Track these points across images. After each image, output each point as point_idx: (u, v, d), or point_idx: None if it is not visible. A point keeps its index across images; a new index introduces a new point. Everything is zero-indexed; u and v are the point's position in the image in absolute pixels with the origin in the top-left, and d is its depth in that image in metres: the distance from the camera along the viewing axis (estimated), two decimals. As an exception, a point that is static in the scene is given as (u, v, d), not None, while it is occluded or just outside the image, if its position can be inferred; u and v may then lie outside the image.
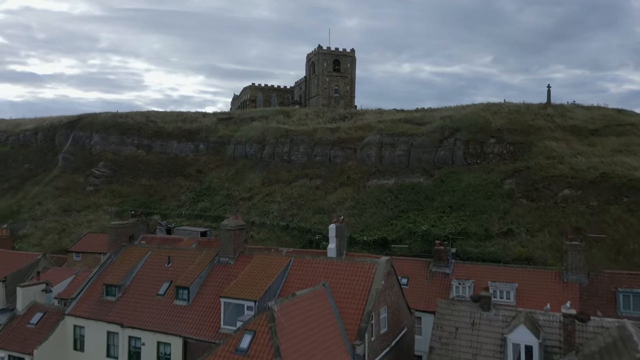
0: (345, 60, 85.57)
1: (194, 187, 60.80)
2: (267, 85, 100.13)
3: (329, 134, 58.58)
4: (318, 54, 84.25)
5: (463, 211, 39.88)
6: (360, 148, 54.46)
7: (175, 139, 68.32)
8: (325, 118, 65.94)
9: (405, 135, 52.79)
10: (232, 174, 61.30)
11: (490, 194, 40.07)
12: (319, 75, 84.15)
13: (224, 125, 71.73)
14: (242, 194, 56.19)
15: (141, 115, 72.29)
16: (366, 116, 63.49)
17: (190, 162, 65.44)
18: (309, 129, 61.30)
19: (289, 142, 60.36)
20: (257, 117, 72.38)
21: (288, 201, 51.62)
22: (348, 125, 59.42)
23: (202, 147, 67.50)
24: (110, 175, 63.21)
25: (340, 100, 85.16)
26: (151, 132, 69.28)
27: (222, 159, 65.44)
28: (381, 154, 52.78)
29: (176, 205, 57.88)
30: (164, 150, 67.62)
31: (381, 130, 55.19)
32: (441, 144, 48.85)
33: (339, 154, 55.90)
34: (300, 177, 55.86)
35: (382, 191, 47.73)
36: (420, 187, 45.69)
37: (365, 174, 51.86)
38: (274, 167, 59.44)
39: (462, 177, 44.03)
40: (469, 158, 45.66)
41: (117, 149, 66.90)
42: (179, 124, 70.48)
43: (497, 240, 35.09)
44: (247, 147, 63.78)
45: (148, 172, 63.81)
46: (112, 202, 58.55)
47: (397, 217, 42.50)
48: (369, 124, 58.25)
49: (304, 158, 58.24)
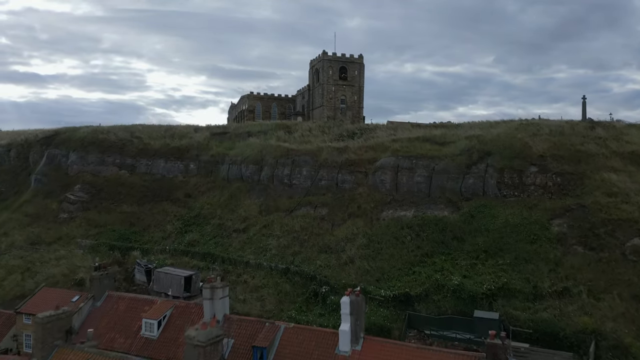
0: (352, 67, 79.60)
1: (182, 214, 54.67)
2: (266, 94, 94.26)
3: (335, 155, 52.41)
4: (323, 61, 78.27)
5: (502, 258, 33.56)
6: (373, 172, 48.27)
7: (163, 157, 62.32)
8: (331, 135, 59.79)
9: (425, 157, 46.57)
10: (225, 199, 55.20)
11: (535, 237, 33.72)
12: (323, 84, 78.20)
13: (217, 141, 65.72)
14: (236, 225, 50.00)
15: (125, 131, 66.33)
16: (378, 133, 57.28)
17: (179, 185, 59.37)
18: (313, 147, 55.15)
19: (290, 163, 54.23)
20: (254, 132, 66.38)
21: (289, 235, 45.40)
22: (358, 145, 53.23)
23: (192, 166, 61.46)
24: (87, 200, 57.15)
25: (347, 112, 79.17)
26: (135, 149, 63.29)
27: (215, 180, 59.38)
28: (397, 179, 46.55)
29: (161, 237, 51.75)
30: (150, 170, 61.59)
31: (396, 151, 48.99)
32: (469, 170, 42.57)
33: (347, 178, 49.71)
34: (303, 205, 49.69)
35: (400, 226, 41.44)
36: (445, 222, 39.37)
37: (379, 203, 45.64)
38: (273, 192, 53.27)
39: (496, 213, 37.70)
40: (504, 189, 39.34)
41: (97, 169, 60.91)
42: (166, 141, 64.46)
43: (549, 301, 28.75)
44: (243, 168, 57.69)
45: (130, 197, 57.73)
46: (87, 232, 52.47)
47: (420, 262, 36.17)
48: (382, 143, 52.04)
49: (307, 182, 52.09)
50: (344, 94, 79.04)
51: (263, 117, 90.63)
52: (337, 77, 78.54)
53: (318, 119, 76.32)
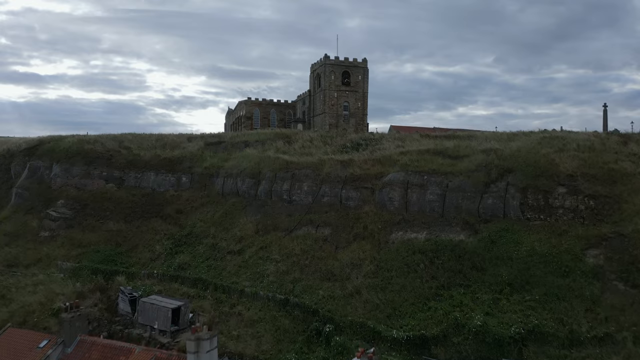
0: (356, 72, 76.25)
1: (173, 232, 51.24)
2: (265, 100, 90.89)
3: (339, 168, 48.95)
4: (324, 65, 74.90)
5: (529, 292, 30.07)
6: (380, 188, 44.78)
7: (153, 169, 58.93)
8: (334, 146, 56.35)
9: (438, 173, 43.08)
10: (219, 215, 51.77)
11: (567, 269, 30.20)
12: (325, 90, 74.82)
13: (212, 151, 62.42)
14: (231, 246, 46.54)
15: (113, 140, 62.95)
16: (385, 145, 53.83)
17: (170, 200, 55.96)
18: (315, 160, 51.69)
19: (289, 177, 50.77)
20: (251, 142, 63.05)
21: (288, 259, 41.91)
22: (363, 157, 49.75)
23: (184, 180, 58.07)
24: (71, 217, 53.67)
25: (350, 119, 75.83)
26: (124, 161, 59.90)
27: (209, 195, 56.02)
28: (407, 197, 43.07)
29: (149, 258, 48.31)
30: (139, 184, 58.20)
31: (406, 165, 45.51)
32: (487, 189, 39.07)
33: (352, 195, 46.23)
34: (304, 224, 46.22)
35: (411, 250, 37.93)
36: (463, 248, 35.85)
37: (387, 223, 42.14)
38: (271, 209, 49.81)
39: (520, 239, 34.19)
40: (528, 211, 35.82)
41: (82, 182, 57.49)
42: (157, 151, 61.08)
43: (589, 349, 25.22)
44: (239, 182, 54.27)
45: (117, 213, 54.28)
46: (69, 253, 49.02)
47: (436, 295, 32.66)
48: (390, 156, 48.56)
49: (308, 198, 48.63)
50: (346, 101, 75.73)
51: (261, 123, 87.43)
52: (340, 83, 75.23)
53: (319, 127, 73.06)
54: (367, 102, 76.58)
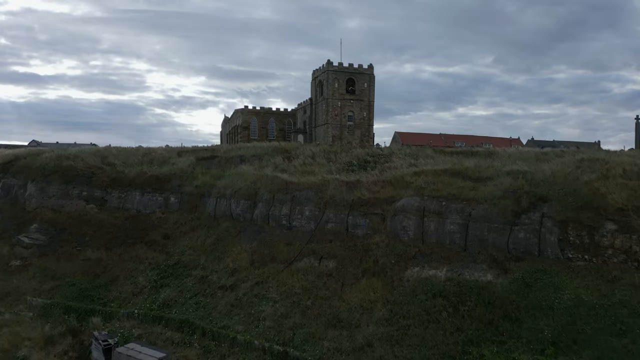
0: (361, 79, 71.77)
1: (159, 261, 46.63)
2: (263, 109, 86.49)
3: (345, 191, 44.35)
4: (327, 72, 70.43)
5: (578, 355, 25.42)
6: (392, 215, 40.18)
7: (139, 188, 54.40)
8: (338, 163, 51.76)
9: (459, 199, 38.43)
10: (211, 242, 47.20)
11: (624, 327, 25.52)
12: (328, 99, 70.35)
13: (204, 167, 57.91)
14: (223, 279, 41.92)
15: (95, 155, 58.41)
16: (395, 162, 49.23)
17: (157, 223, 51.38)
18: (317, 180, 47.10)
19: (289, 199, 46.18)
20: (247, 157, 58.58)
21: (287, 299, 37.27)
22: (372, 178, 45.13)
23: (173, 200, 53.52)
24: (45, 243, 49.09)
25: (355, 130, 71.36)
26: (107, 179, 55.35)
27: (199, 218, 51.47)
28: (423, 226, 38.45)
29: (131, 293, 43.67)
30: (123, 204, 53.63)
31: (421, 188, 40.90)
32: (518, 220, 34.39)
33: (360, 222, 41.64)
34: (305, 255, 41.61)
35: (431, 292, 33.26)
36: (492, 292, 31.18)
37: (401, 257, 37.51)
38: (269, 235, 45.22)
39: (561, 284, 29.51)
40: (568, 250, 31.14)
41: (59, 203, 52.94)
42: (144, 168, 56.52)
43: None
44: (233, 204, 49.71)
45: (98, 238, 49.70)
46: (41, 286, 44.43)
47: (464, 353, 27.99)
48: (402, 177, 43.95)
49: (310, 224, 44.06)
50: (351, 110, 71.27)
51: (259, 134, 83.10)
52: (344, 91, 70.88)
53: (322, 139, 68.64)
54: (373, 112, 72.08)
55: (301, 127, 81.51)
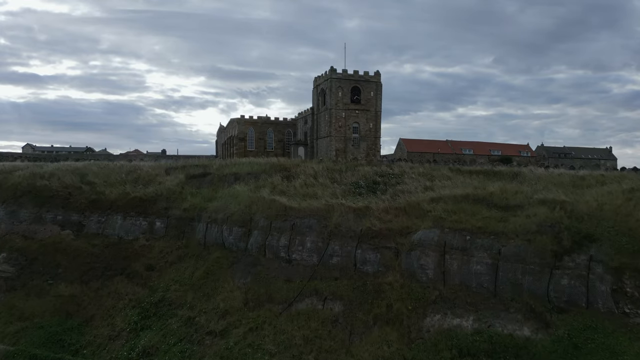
0: (367, 87, 67.09)
1: (141, 297, 41.86)
2: (261, 118, 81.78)
3: (352, 219, 39.60)
4: (330, 80, 65.73)
5: None
6: (407, 250, 35.41)
7: (121, 212, 49.65)
8: (344, 184, 46.99)
9: (485, 233, 33.70)
10: (199, 276, 42.43)
11: None
12: (331, 109, 65.71)
13: (194, 187, 53.18)
14: (212, 323, 37.14)
15: (73, 174, 53.64)
16: (408, 185, 44.51)
17: (140, 252, 46.64)
18: (321, 205, 42.33)
19: (288, 228, 41.42)
20: (242, 175, 53.86)
21: (286, 352, 32.49)
22: (383, 205, 40.34)
23: (159, 225, 48.80)
24: (14, 275, 44.35)
25: (360, 143, 66.67)
26: (85, 201, 50.61)
27: (188, 245, 46.73)
28: (444, 265, 33.68)
29: (107, 336, 38.88)
30: (103, 230, 48.89)
31: (440, 218, 36.15)
32: (559, 263, 29.61)
33: (370, 256, 36.88)
34: (307, 295, 36.87)
35: (456, 349, 28.47)
36: (531, 353, 26.46)
37: (419, 301, 32.78)
38: (265, 269, 40.45)
39: (619, 347, 24.74)
40: (625, 304, 26.35)
41: (31, 229, 48.20)
42: (127, 189, 51.76)
43: None
44: (225, 231, 44.98)
45: (73, 270, 44.96)
46: (5, 329, 39.70)
47: None
48: (418, 203, 39.22)
49: (312, 258, 39.32)
50: (356, 121, 66.60)
51: (256, 145, 78.47)
52: (349, 100, 66.21)
53: (324, 152, 64.00)
54: (380, 123, 67.29)
55: (302, 139, 76.62)
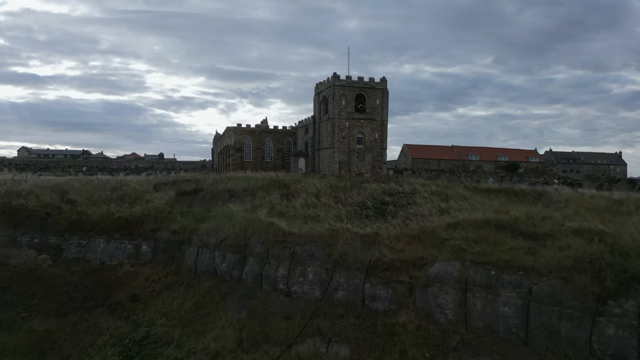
0: (372, 95, 63.35)
1: (123, 333, 38.03)
2: (259, 127, 78.09)
3: (359, 247, 35.78)
4: (333, 87, 61.97)
5: None
6: (423, 286, 31.60)
7: (104, 234, 45.89)
8: (349, 204, 43.18)
9: (512, 267, 29.88)
10: (189, 308, 38.64)
11: None
12: (334, 119, 61.97)
13: (185, 205, 49.41)
14: (202, 366, 33.17)
15: (53, 192, 49.82)
16: (420, 204, 40.69)
17: (124, 279, 42.86)
18: (324, 230, 38.52)
19: (288, 256, 37.61)
20: (238, 192, 50.12)
21: (285, 406, 28.51)
22: (394, 231, 36.49)
23: (145, 249, 45.05)
24: (-17, 308, 40.35)
25: (365, 154, 62.91)
26: (65, 222, 46.83)
27: (177, 272, 42.95)
28: (467, 305, 29.87)
29: (83, 380, 34.93)
30: (84, 254, 45.13)
31: (459, 249, 32.32)
32: (603, 308, 25.78)
33: (380, 292, 33.06)
34: (309, 335, 33.08)
35: (483, 410, 24.47)
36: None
37: (438, 347, 28.96)
38: (262, 303, 36.65)
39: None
40: (690, 363, 22.34)
41: (5, 254, 44.44)
42: (111, 207, 47.97)
43: None
44: (218, 257, 41.21)
45: (49, 301, 41.14)
46: (-31, 371, 35.66)
47: None
48: (433, 230, 35.40)
49: (314, 291, 35.55)
50: (361, 131, 62.86)
51: (254, 155, 74.75)
52: (353, 109, 62.47)
53: (326, 164, 60.28)
54: (386, 133, 63.50)
55: (302, 149, 72.78)
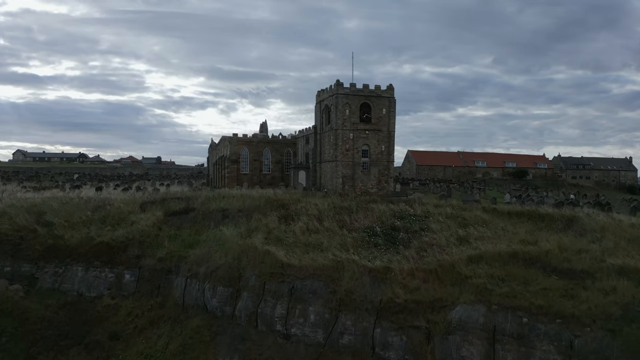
0: (378, 103, 59.40)
1: (100, 379, 33.91)
2: (256, 136, 74.30)
3: (368, 284, 31.86)
4: (336, 96, 58.00)
5: None
6: (443, 333, 27.66)
7: (83, 261, 41.97)
8: (355, 230, 39.21)
9: (548, 314, 26.04)
10: (174, 350, 34.65)
11: None
12: (337, 129, 58.05)
13: (174, 227, 45.50)
14: None
15: (29, 213, 45.79)
16: (435, 231, 36.74)
17: (103, 315, 38.87)
18: (327, 262, 34.57)
19: (286, 292, 33.67)
20: (232, 212, 46.27)
21: None
22: (408, 265, 32.52)
23: (128, 278, 41.11)
24: (-57, 348, 36.31)
25: (371, 168, 59.01)
26: (40, 247, 42.86)
27: (163, 305, 39.02)
28: (495, 359, 25.81)
29: None
30: (59, 284, 41.20)
31: (484, 289, 28.42)
32: (665, 371, 21.65)
33: (392, 339, 29.10)
34: (311, 388, 28.94)
35: None
36: None
37: (462, 410, 24.79)
38: (256, 347, 32.69)
39: None
40: None
41: (-29, 285, 40.25)
42: (92, 231, 44.01)
43: None
44: (208, 290, 37.28)
45: (19, 339, 37.07)
46: None
47: None
48: (453, 265, 31.45)
49: (316, 334, 31.58)
50: (366, 143, 58.93)
51: (251, 167, 70.91)
52: (357, 119, 58.58)
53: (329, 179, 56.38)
54: (393, 145, 59.52)
55: (303, 161, 68.70)
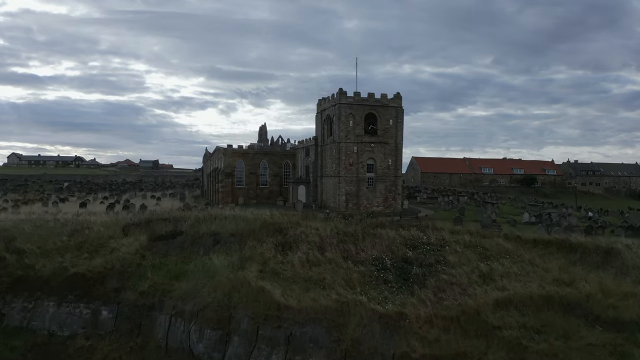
0: (385, 114, 55.30)
1: None
2: (253, 147, 70.22)
3: (378, 334, 27.83)
4: (339, 106, 53.88)
5: None
6: (468, 399, 23.35)
7: (55, 295, 37.91)
8: (362, 263, 35.10)
9: (598, 381, 21.70)
10: (155, 404, 30.39)
11: None
12: (339, 142, 54.00)
13: (159, 254, 41.40)
14: None
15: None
16: (453, 265, 32.72)
17: (76, 358, 34.62)
18: (330, 303, 30.55)
19: (283, 339, 29.62)
20: (224, 237, 42.23)
21: None
22: (425, 311, 28.49)
23: (105, 315, 37.01)
24: None
25: (377, 185, 54.91)
26: (8, 279, 38.80)
27: (143, 348, 34.92)
28: None
29: None
30: (28, 322, 37.12)
31: (518, 344, 24.56)
32: None
33: (408, 402, 24.80)
34: None
35: None
36: None
37: None
38: (249, 404, 28.41)
39: None
40: None
41: None
42: (66, 260, 39.91)
43: None
44: (194, 332, 33.18)
45: (-22, 389, 32.91)
46: None
47: None
48: (477, 310, 27.48)
49: (319, 391, 27.26)
50: (371, 157, 54.86)
51: (247, 181, 66.85)
52: (362, 131, 54.49)
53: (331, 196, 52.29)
54: (401, 158, 55.34)
55: (302, 175, 64.40)
